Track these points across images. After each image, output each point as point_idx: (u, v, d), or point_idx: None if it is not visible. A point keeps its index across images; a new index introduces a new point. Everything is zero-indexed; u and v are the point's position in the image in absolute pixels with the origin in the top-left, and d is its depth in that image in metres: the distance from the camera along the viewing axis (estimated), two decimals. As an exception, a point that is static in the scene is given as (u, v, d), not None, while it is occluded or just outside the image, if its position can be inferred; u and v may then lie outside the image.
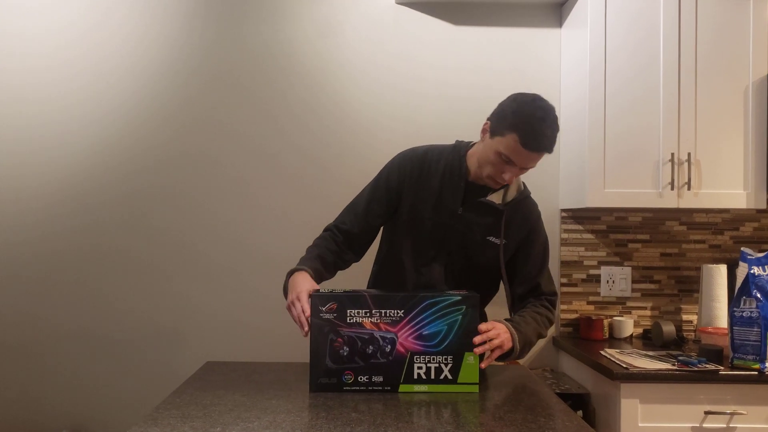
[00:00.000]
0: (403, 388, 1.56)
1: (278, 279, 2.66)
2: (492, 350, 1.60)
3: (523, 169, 1.71)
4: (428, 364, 1.56)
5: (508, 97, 1.72)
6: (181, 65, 2.68)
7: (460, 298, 1.56)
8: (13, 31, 2.66)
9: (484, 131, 1.75)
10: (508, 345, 1.64)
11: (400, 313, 1.55)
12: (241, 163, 2.69)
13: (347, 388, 1.55)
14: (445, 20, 2.70)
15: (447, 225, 1.78)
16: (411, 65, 2.70)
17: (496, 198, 1.80)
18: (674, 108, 2.38)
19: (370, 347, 1.55)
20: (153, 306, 2.67)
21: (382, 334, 1.55)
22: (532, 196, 1.90)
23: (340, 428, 1.27)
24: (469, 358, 1.56)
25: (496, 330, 1.62)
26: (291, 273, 1.74)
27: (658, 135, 2.39)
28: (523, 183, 1.90)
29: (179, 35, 2.68)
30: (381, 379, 1.55)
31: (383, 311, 1.56)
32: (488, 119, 1.74)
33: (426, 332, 1.56)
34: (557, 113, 2.72)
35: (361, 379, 1.55)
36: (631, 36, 2.39)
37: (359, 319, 1.55)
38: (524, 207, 1.86)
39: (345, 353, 1.55)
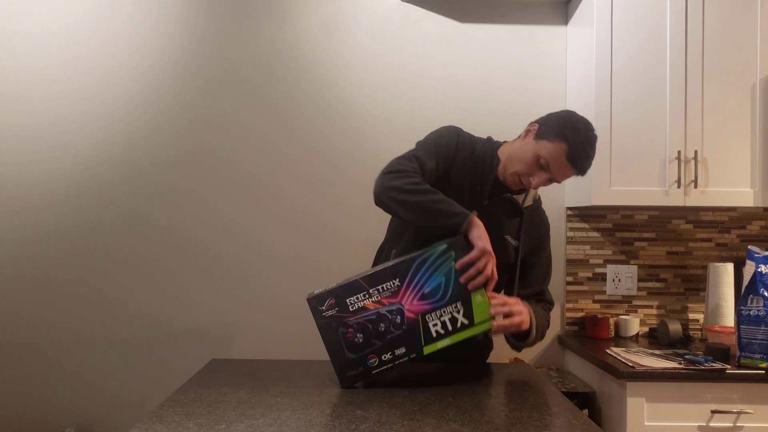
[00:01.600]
0: (427, 350, 1.54)
1: (284, 276, 2.68)
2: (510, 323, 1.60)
3: (550, 180, 1.73)
4: (441, 318, 1.54)
5: (562, 111, 1.76)
6: (186, 63, 2.68)
7: (446, 246, 1.55)
8: (16, 29, 2.66)
9: (527, 132, 1.75)
10: (525, 326, 1.64)
11: (396, 282, 1.55)
12: (247, 161, 2.69)
13: (376, 371, 1.54)
14: (451, 17, 2.70)
15: None
16: (417, 62, 2.70)
17: (519, 198, 1.82)
18: (681, 105, 2.37)
19: (381, 325, 1.54)
20: (158, 304, 2.67)
21: (387, 309, 1.54)
22: (539, 193, 1.91)
23: (344, 426, 1.26)
24: (477, 297, 1.55)
25: (520, 307, 1.62)
26: (461, 213, 1.62)
27: (664, 132, 2.38)
28: (539, 196, 1.93)
29: (185, 33, 2.68)
30: (403, 350, 1.54)
31: (380, 287, 1.55)
32: (536, 122, 1.76)
33: (427, 290, 1.55)
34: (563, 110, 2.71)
35: (384, 357, 1.54)
36: (638, 33, 2.38)
37: (361, 304, 1.54)
38: (537, 215, 1.89)
39: (360, 340, 1.54)
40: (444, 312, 1.55)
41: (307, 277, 2.68)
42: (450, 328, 1.55)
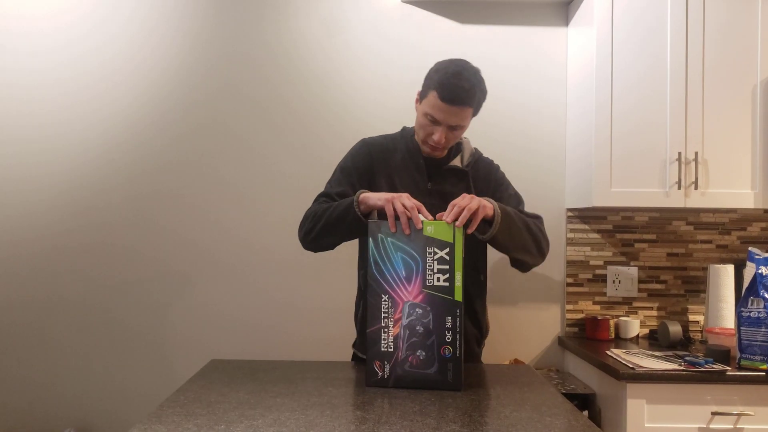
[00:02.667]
0: (457, 296, 1.54)
1: (282, 278, 2.68)
2: (472, 214, 1.58)
3: (451, 128, 1.77)
4: (435, 271, 1.55)
5: None
6: (186, 63, 2.68)
7: (370, 239, 1.57)
8: (18, 30, 2.66)
9: (416, 101, 1.85)
10: (486, 209, 1.62)
11: (384, 297, 1.57)
12: (248, 163, 2.69)
13: (459, 352, 1.54)
14: (451, 19, 2.70)
15: (423, 203, 1.78)
16: (418, 63, 2.69)
17: (456, 163, 1.88)
18: (681, 107, 2.37)
19: (418, 328, 1.55)
20: (157, 305, 2.67)
21: (406, 316, 1.56)
22: (538, 195, 1.93)
23: (344, 426, 1.26)
24: (428, 228, 1.55)
25: (464, 198, 1.60)
26: (350, 203, 1.70)
27: (665, 134, 2.37)
28: (475, 148, 1.97)
29: (184, 33, 2.68)
30: (449, 318, 1.54)
31: (383, 314, 1.56)
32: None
33: (404, 273, 1.56)
34: (563, 112, 2.71)
35: (448, 338, 1.54)
36: (638, 34, 2.38)
37: (390, 339, 1.56)
38: (483, 165, 1.94)
39: (423, 354, 1.55)
40: (431, 266, 1.55)
41: (307, 278, 2.68)
42: (447, 266, 1.55)
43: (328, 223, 1.74)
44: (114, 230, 2.67)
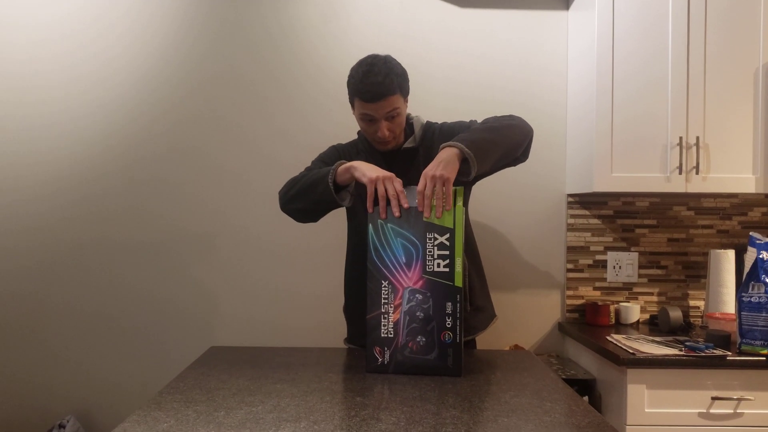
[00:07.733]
0: (458, 282, 1.53)
1: (282, 267, 2.68)
2: (442, 183, 1.55)
3: (389, 118, 1.80)
4: (436, 256, 1.55)
5: None
6: (182, 51, 2.66)
7: (369, 224, 1.58)
8: (16, 21, 2.63)
9: (352, 111, 1.90)
10: (452, 171, 1.57)
11: (385, 283, 1.57)
12: (244, 151, 2.67)
13: (458, 338, 1.53)
14: (449, 2, 2.67)
15: None
16: (417, 48, 2.67)
17: (410, 144, 1.92)
18: (683, 91, 2.35)
19: (418, 313, 1.55)
20: (157, 292, 2.67)
21: (406, 302, 1.56)
22: (538, 180, 1.93)
23: (344, 412, 1.26)
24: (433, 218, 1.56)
25: (424, 179, 1.57)
26: (326, 171, 1.72)
27: (666, 118, 2.36)
28: (427, 121, 2.01)
29: (180, 20, 2.65)
30: (450, 304, 1.54)
31: (383, 300, 1.56)
32: None
33: (403, 258, 1.56)
34: (564, 96, 2.69)
35: (449, 324, 1.54)
36: (640, 18, 2.36)
37: (391, 325, 1.56)
38: (430, 136, 1.95)
39: (423, 340, 1.55)
40: (431, 252, 1.55)
41: (307, 266, 2.68)
42: (447, 252, 1.55)
43: (302, 188, 1.78)
44: (111, 219, 2.66)
